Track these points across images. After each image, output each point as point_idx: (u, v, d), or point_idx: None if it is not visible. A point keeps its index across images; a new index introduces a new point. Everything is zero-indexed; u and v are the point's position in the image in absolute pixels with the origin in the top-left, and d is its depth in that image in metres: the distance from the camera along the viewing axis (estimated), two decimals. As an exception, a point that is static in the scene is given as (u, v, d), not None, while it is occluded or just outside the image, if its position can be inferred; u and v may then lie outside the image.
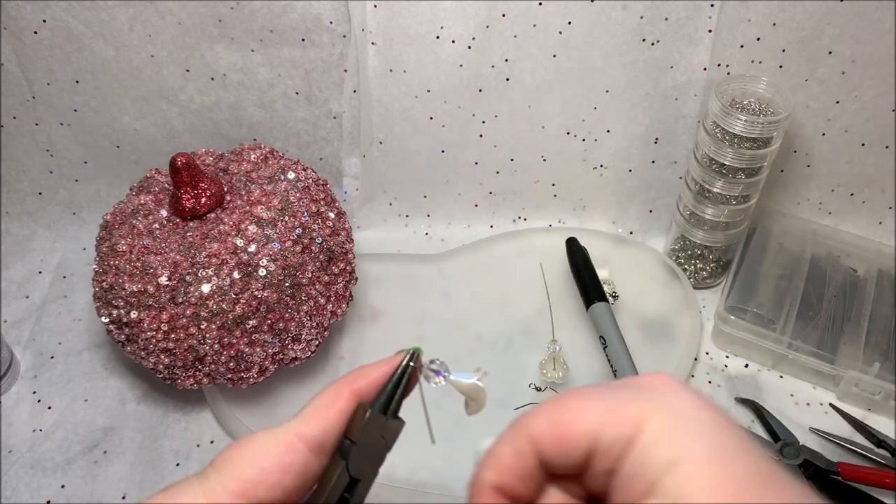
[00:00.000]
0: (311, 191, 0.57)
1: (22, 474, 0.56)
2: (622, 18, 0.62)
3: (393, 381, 0.29)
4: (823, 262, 0.68)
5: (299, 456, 0.26)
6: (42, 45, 0.63)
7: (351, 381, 0.28)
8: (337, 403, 0.27)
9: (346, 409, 0.27)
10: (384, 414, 0.28)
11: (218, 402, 0.59)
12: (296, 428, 0.26)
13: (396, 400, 0.28)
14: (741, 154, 0.60)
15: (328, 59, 0.64)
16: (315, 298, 0.55)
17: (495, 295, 0.68)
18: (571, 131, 0.69)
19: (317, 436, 0.26)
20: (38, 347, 0.64)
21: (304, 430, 0.26)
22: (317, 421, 0.27)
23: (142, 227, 0.55)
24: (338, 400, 0.27)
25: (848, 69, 0.63)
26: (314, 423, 0.27)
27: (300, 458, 0.26)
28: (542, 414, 0.25)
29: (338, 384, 0.28)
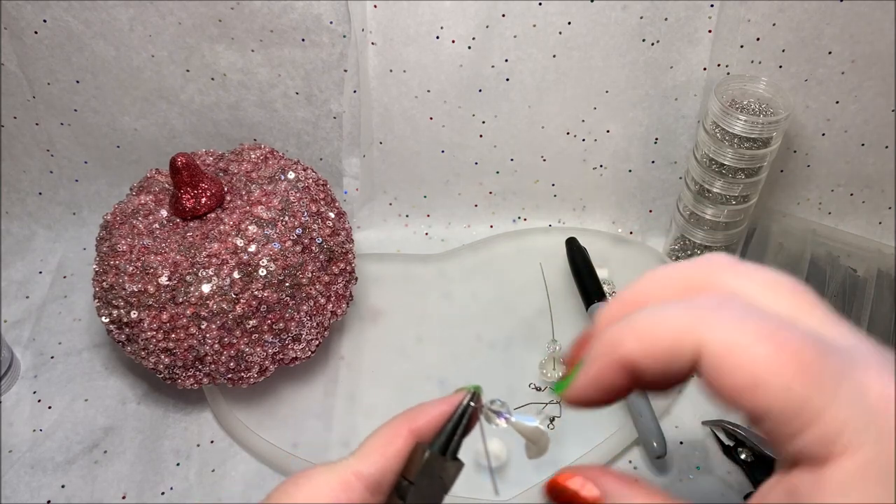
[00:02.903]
0: (311, 191, 0.57)
1: (22, 474, 0.56)
2: (622, 18, 0.62)
3: (453, 420, 0.28)
4: (823, 262, 0.68)
5: (356, 494, 0.25)
6: (42, 45, 0.63)
7: (410, 419, 0.27)
8: (395, 442, 0.27)
9: (405, 448, 0.27)
10: (443, 454, 0.27)
11: (218, 402, 0.59)
12: (353, 466, 0.26)
13: (456, 441, 0.28)
14: (741, 154, 0.60)
15: (328, 59, 0.64)
16: (315, 298, 0.55)
17: (495, 295, 0.68)
18: (571, 131, 0.69)
19: (374, 474, 0.26)
20: (38, 347, 0.64)
21: (361, 469, 0.26)
22: (374, 459, 0.26)
23: (142, 227, 0.55)
24: (396, 438, 0.27)
25: (848, 69, 0.63)
26: (372, 461, 0.26)
27: (357, 496, 0.26)
28: None
29: (396, 421, 0.27)
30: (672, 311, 0.22)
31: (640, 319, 0.23)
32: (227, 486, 0.56)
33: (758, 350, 0.20)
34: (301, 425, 0.58)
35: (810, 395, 0.20)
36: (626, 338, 0.23)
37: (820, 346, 0.20)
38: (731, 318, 0.21)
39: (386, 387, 0.61)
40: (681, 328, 0.22)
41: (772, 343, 0.20)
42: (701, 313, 0.22)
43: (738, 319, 0.21)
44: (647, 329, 0.22)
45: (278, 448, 0.56)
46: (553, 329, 0.64)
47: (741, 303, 0.22)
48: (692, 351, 0.21)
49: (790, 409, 0.20)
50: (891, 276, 0.67)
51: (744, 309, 0.21)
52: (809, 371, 0.20)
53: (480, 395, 0.29)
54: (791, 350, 0.20)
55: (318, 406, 0.60)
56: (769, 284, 0.23)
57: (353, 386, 0.61)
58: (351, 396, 0.61)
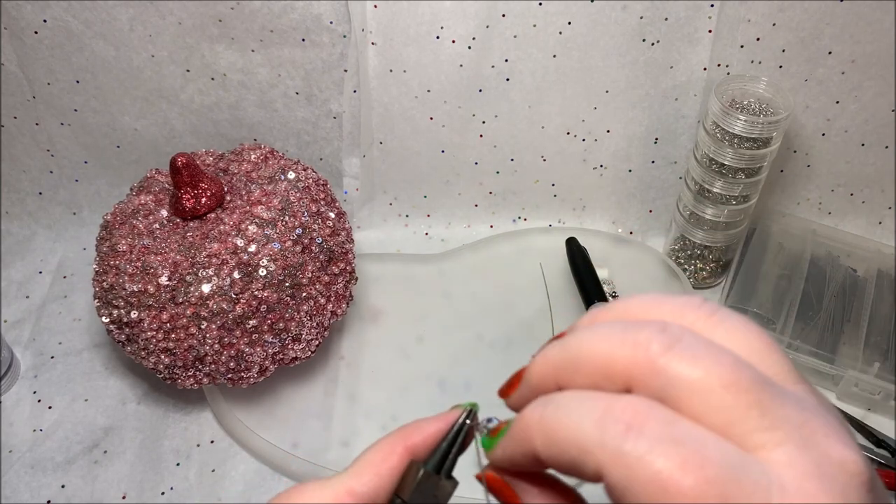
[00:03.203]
0: (312, 191, 0.57)
1: (22, 474, 0.56)
2: (622, 18, 0.62)
3: (448, 438, 0.27)
4: (823, 262, 0.68)
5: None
6: (42, 45, 0.63)
7: (405, 436, 0.27)
8: (390, 459, 0.26)
9: (399, 465, 0.26)
10: (437, 473, 0.27)
11: (218, 401, 0.59)
12: (347, 482, 0.26)
13: (451, 459, 0.27)
14: (741, 154, 0.60)
15: (328, 59, 0.64)
16: (315, 298, 0.55)
17: (495, 295, 0.68)
18: (571, 131, 0.69)
19: (368, 492, 0.26)
20: (38, 347, 0.64)
21: (354, 486, 0.26)
22: (369, 477, 0.26)
23: (142, 227, 0.55)
24: (391, 455, 0.26)
25: (848, 69, 0.63)
26: (366, 479, 0.26)
27: None
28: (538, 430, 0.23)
29: (391, 438, 0.27)
30: (578, 422, 0.21)
31: (551, 420, 0.22)
32: (227, 486, 0.56)
33: (656, 490, 0.20)
34: (301, 425, 0.58)
35: None
36: (536, 436, 0.23)
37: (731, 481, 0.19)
38: (634, 448, 0.20)
39: (386, 387, 0.61)
40: (583, 446, 0.21)
41: (674, 482, 0.19)
42: (606, 433, 0.21)
43: (642, 446, 0.20)
44: (553, 434, 0.22)
45: (278, 448, 0.56)
46: (553, 329, 0.64)
47: (656, 418, 0.21)
48: (594, 470, 0.21)
49: None
50: (891, 276, 0.67)
51: (653, 432, 0.20)
52: None
53: (477, 412, 0.28)
54: (693, 491, 0.19)
55: (318, 406, 0.60)
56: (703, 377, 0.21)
57: (353, 386, 0.61)
58: (351, 396, 0.61)
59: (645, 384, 0.22)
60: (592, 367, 0.23)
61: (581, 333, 0.23)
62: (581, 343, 0.23)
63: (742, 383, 0.21)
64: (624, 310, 0.24)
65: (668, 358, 0.21)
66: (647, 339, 0.22)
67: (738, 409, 0.20)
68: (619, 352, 0.22)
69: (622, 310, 0.24)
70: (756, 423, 0.20)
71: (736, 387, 0.21)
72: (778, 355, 0.23)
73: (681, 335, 0.22)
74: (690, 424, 0.21)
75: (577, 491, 0.25)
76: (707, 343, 0.22)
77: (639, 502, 0.20)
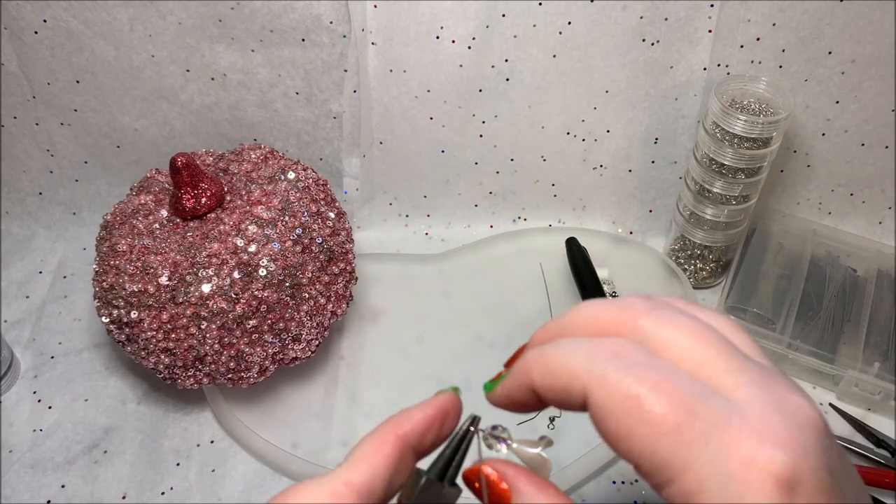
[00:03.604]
0: (311, 191, 0.57)
1: (22, 474, 0.56)
2: (622, 18, 0.62)
3: (451, 446, 0.28)
4: (823, 262, 0.68)
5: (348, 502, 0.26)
6: (42, 45, 0.63)
7: (395, 425, 0.28)
8: (383, 449, 0.27)
9: (392, 454, 0.27)
10: (440, 480, 0.27)
11: (218, 401, 0.59)
12: (343, 476, 0.26)
13: (454, 466, 0.27)
14: (741, 154, 0.60)
15: (328, 59, 0.64)
16: (315, 298, 0.55)
17: (495, 295, 0.68)
18: (571, 131, 0.69)
19: (364, 482, 0.26)
20: (38, 347, 0.64)
21: (351, 478, 0.26)
22: (363, 468, 0.26)
23: (142, 227, 0.55)
24: (383, 445, 0.27)
25: (848, 69, 0.63)
26: (361, 469, 0.26)
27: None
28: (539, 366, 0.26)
29: (382, 428, 0.28)
30: (571, 353, 0.25)
31: (548, 354, 0.26)
32: (227, 486, 0.56)
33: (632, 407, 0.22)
34: (301, 425, 0.58)
35: (675, 452, 0.22)
36: (533, 368, 0.26)
37: (695, 404, 0.22)
38: (616, 369, 0.23)
39: (386, 387, 0.61)
40: (573, 371, 0.24)
41: (646, 401, 0.22)
42: (593, 360, 0.24)
43: (622, 371, 0.23)
44: (548, 364, 0.25)
45: (278, 448, 0.56)
46: (553, 329, 0.64)
47: (637, 352, 0.24)
48: (580, 394, 0.24)
49: (657, 463, 0.22)
50: (891, 276, 0.67)
51: (634, 360, 0.23)
52: (678, 430, 0.22)
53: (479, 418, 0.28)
54: (662, 408, 0.22)
55: (318, 406, 0.60)
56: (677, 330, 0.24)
57: (353, 386, 0.61)
58: (351, 396, 0.61)
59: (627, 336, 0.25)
60: (584, 324, 0.26)
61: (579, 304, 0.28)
62: (577, 310, 0.27)
63: (713, 339, 0.24)
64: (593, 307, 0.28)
65: (649, 318, 0.25)
66: (631, 303, 0.26)
67: (709, 356, 0.24)
68: (607, 313, 0.26)
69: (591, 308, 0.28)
70: (724, 366, 0.23)
71: (708, 341, 0.24)
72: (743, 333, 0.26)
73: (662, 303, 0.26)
74: (666, 361, 0.24)
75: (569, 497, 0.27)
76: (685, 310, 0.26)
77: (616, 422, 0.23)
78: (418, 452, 0.28)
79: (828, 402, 0.62)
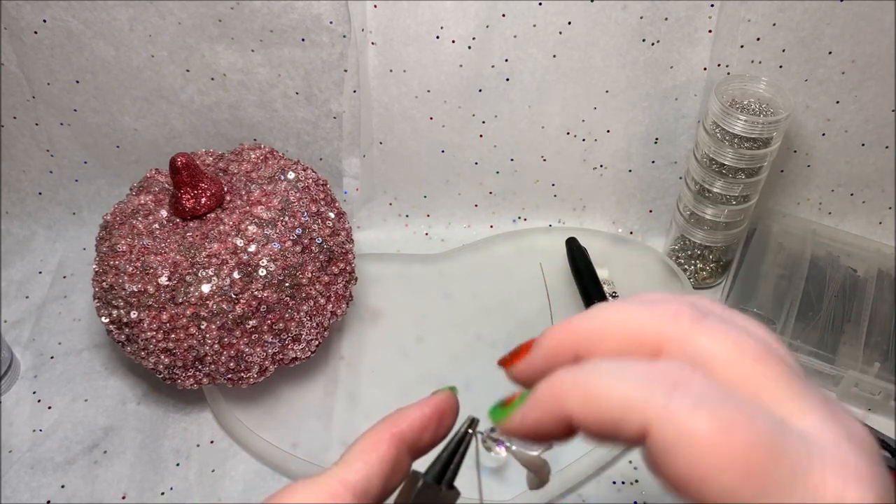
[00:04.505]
0: (311, 191, 0.57)
1: (22, 474, 0.56)
2: (622, 18, 0.62)
3: (449, 449, 0.27)
4: (823, 262, 0.68)
5: (344, 502, 0.25)
6: (42, 45, 0.63)
7: (391, 424, 0.27)
8: (379, 447, 0.27)
9: (388, 453, 0.27)
10: (438, 483, 0.27)
11: (218, 402, 0.59)
12: (339, 474, 0.26)
13: (452, 469, 0.27)
14: (741, 154, 0.60)
15: (328, 59, 0.64)
16: (315, 298, 0.55)
17: (495, 295, 0.68)
18: (571, 131, 0.69)
19: (360, 481, 0.26)
20: (38, 347, 0.64)
21: (347, 477, 0.26)
22: (359, 466, 0.26)
23: (142, 227, 0.55)
24: (379, 444, 0.27)
25: (848, 69, 0.63)
26: (356, 468, 0.26)
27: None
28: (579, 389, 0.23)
29: (378, 427, 0.27)
30: (624, 383, 0.21)
31: (590, 381, 0.22)
32: (227, 486, 0.56)
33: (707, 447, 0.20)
34: (301, 425, 0.58)
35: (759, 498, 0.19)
36: (572, 397, 0.22)
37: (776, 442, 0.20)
38: (683, 405, 0.20)
39: (386, 387, 0.61)
40: (630, 405, 0.21)
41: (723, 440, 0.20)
42: (653, 393, 0.21)
43: (691, 407, 0.20)
44: (595, 395, 0.22)
45: (278, 448, 0.56)
46: (553, 329, 0.64)
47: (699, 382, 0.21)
48: (638, 429, 0.21)
49: None
50: (891, 276, 0.67)
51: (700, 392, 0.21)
52: (760, 475, 0.19)
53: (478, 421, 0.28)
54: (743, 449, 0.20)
55: (318, 406, 0.60)
56: (734, 347, 0.22)
57: (353, 386, 0.61)
58: (351, 396, 0.61)
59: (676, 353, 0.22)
60: (621, 335, 0.23)
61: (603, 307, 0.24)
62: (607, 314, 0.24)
63: (771, 356, 0.22)
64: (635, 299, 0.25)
65: (700, 329, 0.22)
66: (677, 310, 0.22)
67: (769, 379, 0.21)
68: (649, 321, 0.23)
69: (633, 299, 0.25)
70: (786, 391, 0.21)
71: (765, 359, 0.21)
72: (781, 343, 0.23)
73: (710, 310, 0.23)
74: (731, 388, 0.21)
75: None
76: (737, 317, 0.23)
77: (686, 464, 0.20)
78: (415, 452, 0.28)
79: (828, 402, 0.62)
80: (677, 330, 0.22)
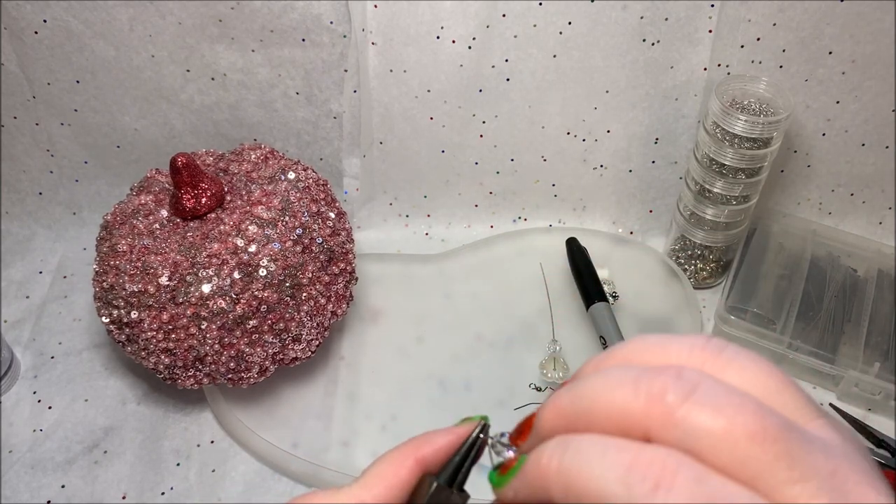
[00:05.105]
0: (312, 191, 0.57)
1: (22, 474, 0.56)
2: (622, 18, 0.62)
3: (461, 452, 0.27)
4: (823, 262, 0.68)
5: None
6: (42, 45, 0.63)
7: (415, 448, 0.26)
8: (400, 471, 0.26)
9: (409, 477, 0.26)
10: (450, 486, 0.27)
11: (218, 402, 0.59)
12: (357, 494, 0.25)
13: (463, 472, 0.27)
14: (741, 154, 0.60)
15: (328, 59, 0.64)
16: (315, 298, 0.55)
17: (495, 295, 0.68)
18: (571, 131, 0.69)
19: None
20: (38, 347, 0.64)
21: (365, 499, 0.25)
22: (379, 490, 0.25)
23: (142, 227, 0.55)
24: (401, 468, 0.26)
25: (848, 69, 0.63)
26: (376, 491, 0.25)
27: None
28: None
29: (402, 450, 0.26)
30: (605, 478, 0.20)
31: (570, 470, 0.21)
32: (227, 486, 0.56)
33: None
34: (301, 425, 0.58)
35: None
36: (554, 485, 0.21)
37: None
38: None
39: (386, 387, 0.61)
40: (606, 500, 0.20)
41: None
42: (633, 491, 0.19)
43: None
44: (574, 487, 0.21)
45: (278, 448, 0.56)
46: (553, 329, 0.64)
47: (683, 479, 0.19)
48: None
49: None
50: (891, 276, 0.67)
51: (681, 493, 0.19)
52: None
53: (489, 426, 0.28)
54: None
55: (318, 406, 0.60)
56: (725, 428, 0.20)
57: (353, 386, 0.61)
58: (351, 396, 0.61)
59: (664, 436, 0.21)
60: (606, 418, 0.22)
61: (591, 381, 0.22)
62: (593, 392, 0.22)
63: (768, 432, 0.20)
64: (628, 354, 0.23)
65: (687, 408, 0.20)
66: (661, 388, 0.21)
67: (766, 461, 0.20)
68: (634, 403, 0.21)
69: (626, 355, 0.23)
70: (786, 475, 0.19)
71: (762, 436, 0.20)
72: (793, 391, 0.22)
73: (698, 382, 0.21)
74: (721, 480, 0.20)
75: None
76: (726, 389, 0.21)
77: None
78: None
79: (828, 402, 0.62)
80: (664, 411, 0.21)
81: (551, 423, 0.23)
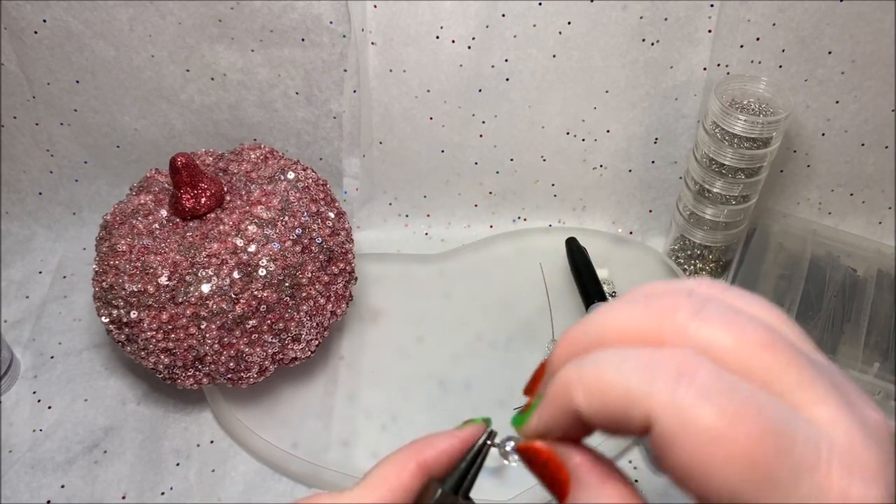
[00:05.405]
0: (311, 191, 0.57)
1: (22, 474, 0.56)
2: (622, 18, 0.62)
3: (467, 459, 0.27)
4: (823, 262, 0.68)
5: None
6: (42, 45, 0.63)
7: (418, 451, 0.26)
8: (402, 475, 0.26)
9: (412, 481, 0.26)
10: (455, 493, 0.27)
11: (218, 402, 0.59)
12: (359, 498, 0.25)
13: (469, 479, 0.27)
14: (741, 154, 0.60)
15: (328, 59, 0.64)
16: (315, 298, 0.55)
17: (495, 295, 0.68)
18: (571, 131, 0.69)
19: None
20: (38, 347, 0.64)
21: (367, 500, 0.25)
22: (382, 493, 0.25)
23: (142, 227, 0.55)
24: (403, 471, 0.26)
25: (848, 69, 0.63)
26: (378, 494, 0.25)
27: None
28: None
29: (404, 453, 0.26)
30: (622, 369, 0.21)
31: (591, 373, 0.21)
32: (227, 486, 0.56)
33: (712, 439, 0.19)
34: (301, 425, 0.58)
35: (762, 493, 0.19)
36: (576, 391, 0.22)
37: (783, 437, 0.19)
38: (688, 396, 0.19)
39: (386, 387, 0.61)
40: (632, 394, 0.20)
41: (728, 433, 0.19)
42: (656, 381, 0.20)
43: (695, 398, 0.19)
44: (598, 387, 0.21)
45: (278, 448, 0.56)
46: (553, 329, 0.64)
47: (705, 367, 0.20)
48: (642, 419, 0.20)
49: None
50: (891, 276, 0.67)
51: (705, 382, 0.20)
52: (764, 471, 0.19)
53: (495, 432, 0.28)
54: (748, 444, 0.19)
55: (318, 406, 0.60)
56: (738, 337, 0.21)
57: (353, 386, 0.61)
58: (351, 396, 0.61)
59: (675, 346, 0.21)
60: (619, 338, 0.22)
61: (601, 311, 0.23)
62: (604, 318, 0.23)
63: (778, 343, 0.21)
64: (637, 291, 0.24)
65: (700, 322, 0.21)
66: (673, 305, 0.21)
67: (778, 367, 0.20)
68: (646, 322, 0.22)
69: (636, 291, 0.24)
70: (796, 379, 0.20)
71: (773, 346, 0.21)
72: (794, 324, 0.23)
73: (708, 298, 0.21)
74: (738, 377, 0.20)
75: None
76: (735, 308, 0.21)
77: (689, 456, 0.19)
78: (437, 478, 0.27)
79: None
80: (676, 325, 0.21)
81: (565, 354, 0.24)
